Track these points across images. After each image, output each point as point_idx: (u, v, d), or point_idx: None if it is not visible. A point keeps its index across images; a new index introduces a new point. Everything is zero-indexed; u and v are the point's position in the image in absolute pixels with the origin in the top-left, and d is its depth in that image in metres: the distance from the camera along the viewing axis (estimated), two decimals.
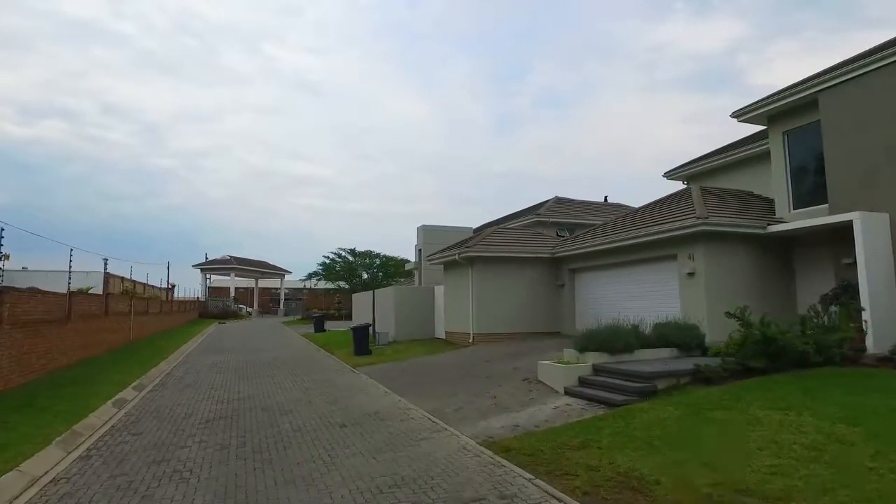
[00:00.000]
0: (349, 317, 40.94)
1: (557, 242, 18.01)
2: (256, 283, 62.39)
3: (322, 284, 47.78)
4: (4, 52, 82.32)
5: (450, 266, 18.55)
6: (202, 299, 52.24)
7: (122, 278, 31.12)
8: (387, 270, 42.70)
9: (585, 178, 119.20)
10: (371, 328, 17.94)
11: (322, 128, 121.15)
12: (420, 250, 29.68)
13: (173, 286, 59.27)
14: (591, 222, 21.08)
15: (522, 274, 17.02)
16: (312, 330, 30.34)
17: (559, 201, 25.44)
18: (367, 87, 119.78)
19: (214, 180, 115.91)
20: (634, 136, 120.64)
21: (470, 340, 16.41)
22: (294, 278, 63.80)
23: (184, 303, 41.10)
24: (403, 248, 78.67)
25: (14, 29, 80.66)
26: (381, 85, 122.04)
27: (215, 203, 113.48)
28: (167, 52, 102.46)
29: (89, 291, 19.62)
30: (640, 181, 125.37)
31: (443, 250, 19.36)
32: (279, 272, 61.26)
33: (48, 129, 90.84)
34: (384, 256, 43.13)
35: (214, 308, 47.66)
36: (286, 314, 60.47)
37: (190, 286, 58.13)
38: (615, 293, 15.13)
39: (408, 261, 44.16)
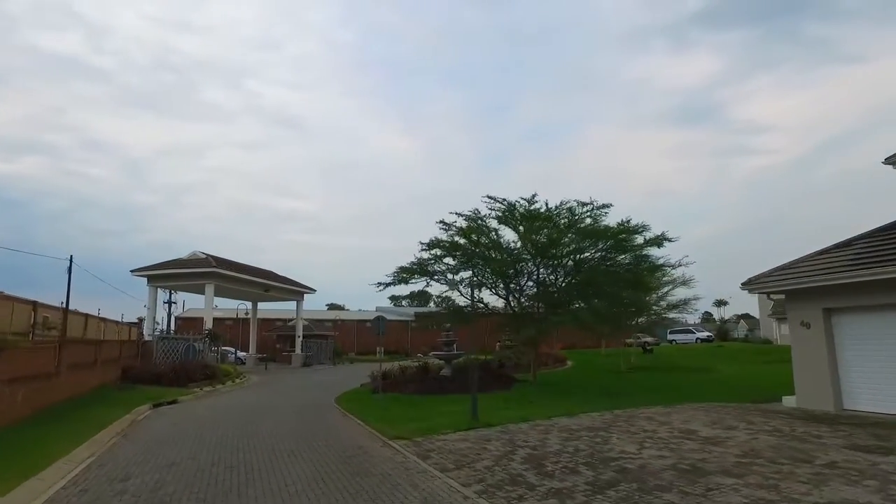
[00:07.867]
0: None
1: None
2: (254, 310, 35.78)
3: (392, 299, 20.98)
4: None
5: None
6: (147, 337, 25.52)
7: (35, 304, 13.95)
8: (640, 259, 16.84)
9: None
10: None
11: (306, 163, 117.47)
12: None
13: (141, 320, 34.61)
14: None
15: None
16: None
17: None
18: (351, 121, 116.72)
19: (199, 216, 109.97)
20: (619, 169, 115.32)
21: None
22: (348, 302, 37.13)
23: (70, 347, 14.31)
24: None
25: None
26: (365, 119, 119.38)
27: (201, 239, 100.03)
28: (148, 88, 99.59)
29: None
30: (627, 213, 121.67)
31: None
32: (298, 290, 34.60)
33: (28, 165, 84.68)
34: (605, 225, 16.56)
35: (164, 355, 21.04)
36: (307, 362, 33.95)
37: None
38: None
39: (667, 239, 17.54)
